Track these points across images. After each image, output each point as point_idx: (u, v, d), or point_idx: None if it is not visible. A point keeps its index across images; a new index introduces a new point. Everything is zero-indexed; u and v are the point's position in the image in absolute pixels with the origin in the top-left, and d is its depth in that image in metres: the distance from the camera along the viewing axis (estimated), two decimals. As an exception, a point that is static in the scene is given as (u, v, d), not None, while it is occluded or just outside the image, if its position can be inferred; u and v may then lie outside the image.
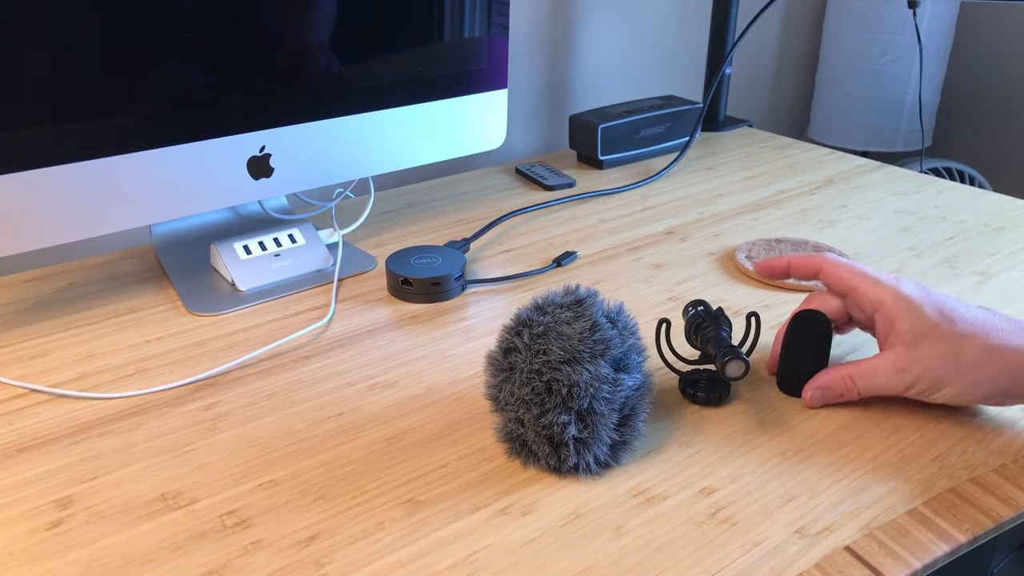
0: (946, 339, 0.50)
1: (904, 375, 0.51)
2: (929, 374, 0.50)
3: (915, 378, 0.51)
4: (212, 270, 0.77)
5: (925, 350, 0.50)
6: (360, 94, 0.77)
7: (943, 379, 0.50)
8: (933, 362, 0.50)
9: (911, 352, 0.51)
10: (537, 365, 0.49)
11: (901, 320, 0.51)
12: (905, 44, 1.33)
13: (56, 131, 0.62)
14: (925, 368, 0.50)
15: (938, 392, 0.52)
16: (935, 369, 0.50)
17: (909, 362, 0.51)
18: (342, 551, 0.45)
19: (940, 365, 0.50)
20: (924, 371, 0.50)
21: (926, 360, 0.50)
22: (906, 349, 0.51)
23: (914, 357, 0.50)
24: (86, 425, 0.56)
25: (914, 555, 0.45)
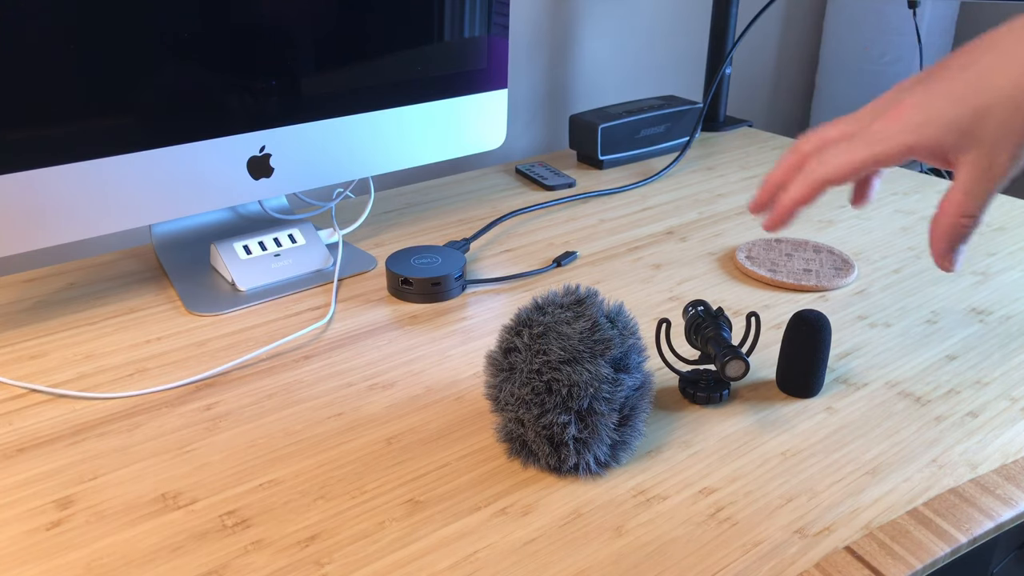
0: (992, 109, 0.44)
1: (995, 169, 0.45)
2: (1013, 147, 0.44)
3: (1008, 163, 0.44)
4: (212, 270, 0.77)
5: (988, 134, 0.44)
6: (360, 94, 0.77)
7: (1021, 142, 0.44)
8: (1006, 132, 0.44)
9: (980, 148, 0.44)
10: (537, 365, 0.49)
11: (943, 139, 0.45)
12: (905, 44, 1.33)
13: (56, 131, 0.62)
14: (1007, 147, 0.44)
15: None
16: (1013, 140, 0.44)
17: (989, 157, 0.44)
18: (342, 551, 0.45)
19: (1012, 133, 0.44)
20: (1010, 151, 0.44)
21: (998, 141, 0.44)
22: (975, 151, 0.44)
23: (987, 150, 0.44)
24: (86, 425, 0.56)
25: (914, 555, 0.45)
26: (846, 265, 0.77)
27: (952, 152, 0.45)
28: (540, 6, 1.14)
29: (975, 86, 0.44)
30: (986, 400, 0.59)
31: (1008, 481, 0.51)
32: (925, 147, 0.45)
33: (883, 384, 0.60)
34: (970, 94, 0.44)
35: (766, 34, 1.45)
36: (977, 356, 0.64)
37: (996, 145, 0.44)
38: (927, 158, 0.46)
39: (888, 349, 0.65)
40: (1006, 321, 0.69)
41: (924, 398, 0.59)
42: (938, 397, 0.59)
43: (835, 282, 0.74)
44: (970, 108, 0.44)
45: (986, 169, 0.44)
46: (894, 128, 0.46)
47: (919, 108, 0.45)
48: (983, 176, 0.45)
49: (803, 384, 0.58)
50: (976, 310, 0.71)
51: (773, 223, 0.50)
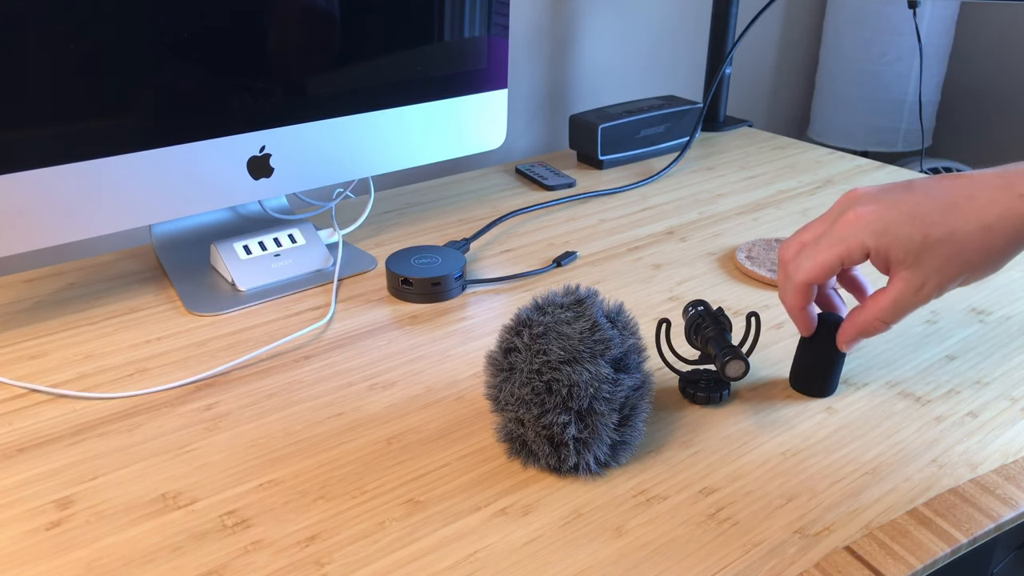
0: (941, 243, 0.49)
1: (923, 292, 0.50)
2: (946, 280, 0.50)
3: (935, 290, 0.50)
4: (212, 270, 0.77)
5: (930, 262, 0.49)
6: (360, 94, 0.77)
7: (960, 275, 0.50)
8: (944, 269, 0.49)
9: (919, 270, 0.50)
10: (537, 365, 0.49)
11: (893, 250, 0.50)
12: (905, 44, 1.33)
13: (56, 131, 0.62)
14: (939, 278, 0.50)
15: (962, 283, 0.51)
16: (948, 272, 0.49)
17: (922, 280, 0.50)
18: (342, 551, 0.45)
19: (952, 268, 0.49)
20: (940, 280, 0.50)
21: (936, 270, 0.49)
22: (912, 271, 0.50)
23: (924, 274, 0.50)
24: (86, 425, 0.56)
25: (914, 555, 0.45)
26: (846, 265, 0.77)
27: (895, 265, 0.50)
28: (540, 6, 1.14)
29: (932, 218, 0.49)
30: (986, 400, 0.59)
31: (1008, 481, 0.51)
32: (878, 252, 0.50)
33: (883, 384, 0.60)
34: (926, 223, 0.49)
35: (766, 34, 1.45)
36: (977, 356, 0.64)
37: (932, 274, 0.49)
38: (875, 262, 0.51)
39: (888, 349, 0.65)
40: (1006, 321, 0.69)
41: (924, 398, 0.59)
42: (938, 397, 0.59)
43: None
44: (921, 235, 0.49)
45: (917, 289, 0.50)
46: (854, 230, 0.51)
47: (880, 217, 0.50)
48: (912, 294, 0.50)
49: (819, 385, 0.58)
50: (976, 310, 0.71)
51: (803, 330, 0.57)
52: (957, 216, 0.48)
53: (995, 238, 0.48)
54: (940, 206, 0.49)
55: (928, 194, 0.50)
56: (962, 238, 0.48)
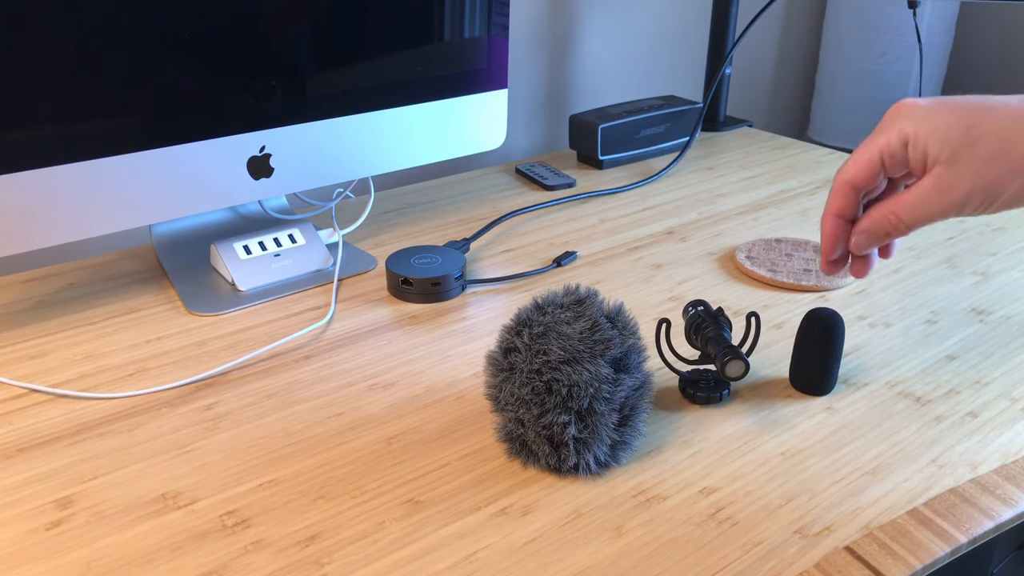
0: (985, 139, 0.44)
1: (950, 195, 0.45)
2: (982, 185, 0.44)
3: (965, 196, 0.45)
4: (212, 270, 0.77)
5: (966, 161, 0.44)
6: (360, 94, 0.77)
7: (998, 184, 0.44)
8: (981, 172, 0.44)
9: (952, 169, 0.45)
10: (537, 365, 0.49)
11: (931, 139, 0.45)
12: (905, 44, 1.33)
13: (56, 131, 0.62)
14: (973, 180, 0.44)
15: (998, 200, 0.45)
16: (987, 177, 0.44)
17: (952, 180, 0.45)
18: (342, 551, 0.45)
19: (990, 172, 0.44)
20: (974, 184, 0.44)
21: (970, 171, 0.44)
22: (946, 168, 0.45)
23: (957, 173, 0.45)
24: (86, 425, 0.56)
25: (914, 555, 0.45)
26: (846, 265, 0.77)
27: (931, 160, 0.46)
28: (540, 6, 1.14)
29: (979, 114, 0.45)
30: (986, 400, 0.59)
31: (1008, 481, 0.51)
32: (916, 141, 0.46)
33: (883, 384, 0.60)
34: (971, 117, 0.45)
35: (766, 34, 1.45)
36: (977, 356, 0.64)
37: (965, 175, 0.45)
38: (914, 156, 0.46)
39: (888, 349, 0.65)
40: (1006, 321, 0.69)
41: (924, 398, 0.59)
42: (938, 397, 0.59)
43: (835, 282, 0.74)
44: (965, 127, 0.44)
45: (944, 189, 0.45)
46: (895, 118, 0.47)
47: (922, 107, 0.46)
48: (938, 194, 0.46)
49: (817, 382, 0.58)
50: (976, 310, 0.71)
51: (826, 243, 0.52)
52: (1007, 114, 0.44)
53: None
54: (989, 105, 0.45)
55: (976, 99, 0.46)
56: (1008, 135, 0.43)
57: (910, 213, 0.47)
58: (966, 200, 0.45)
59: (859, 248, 0.50)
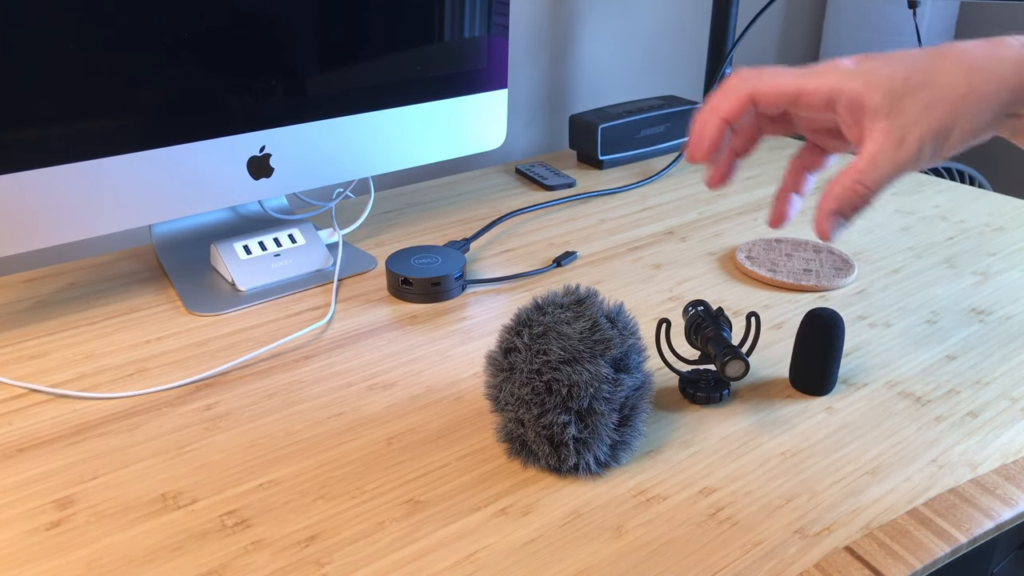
0: (923, 86, 0.43)
1: (906, 146, 0.44)
2: (929, 130, 0.43)
3: (918, 143, 0.44)
4: (212, 270, 0.77)
5: (910, 109, 0.43)
6: (360, 94, 0.77)
7: (944, 127, 0.43)
8: (926, 117, 0.43)
9: (898, 120, 0.44)
10: (537, 365, 0.49)
11: (868, 93, 0.44)
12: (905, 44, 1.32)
13: (56, 131, 0.62)
14: (922, 127, 0.43)
15: (946, 143, 0.44)
16: (931, 122, 0.43)
17: (902, 131, 0.44)
18: (342, 551, 0.45)
19: (934, 115, 0.43)
20: (923, 131, 0.43)
21: (917, 118, 0.43)
22: (892, 120, 0.44)
23: (904, 123, 0.43)
24: (86, 425, 0.56)
25: (914, 555, 0.45)
26: (846, 265, 0.77)
27: (871, 115, 0.44)
28: (540, 6, 1.14)
29: (916, 63, 0.44)
30: (986, 400, 0.59)
31: (1008, 481, 0.51)
32: (850, 96, 0.44)
33: (883, 384, 0.60)
34: (908, 66, 0.44)
35: (766, 34, 1.45)
36: (977, 356, 0.64)
37: (912, 122, 0.43)
38: (848, 112, 0.45)
39: (888, 349, 0.65)
40: (1006, 321, 0.69)
41: (924, 398, 0.59)
42: (938, 397, 0.59)
43: (835, 282, 0.74)
44: (903, 76, 0.43)
45: (898, 143, 0.44)
46: (829, 72, 0.45)
47: (857, 63, 0.45)
48: (893, 149, 0.44)
49: (817, 382, 0.58)
50: (976, 310, 0.71)
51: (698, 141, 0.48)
52: (943, 62, 0.43)
53: (983, 79, 0.43)
54: (925, 54, 0.44)
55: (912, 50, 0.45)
56: (947, 79, 0.43)
57: (874, 177, 0.45)
58: (920, 148, 0.44)
59: (831, 230, 0.47)
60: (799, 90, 0.45)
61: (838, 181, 0.46)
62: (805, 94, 0.45)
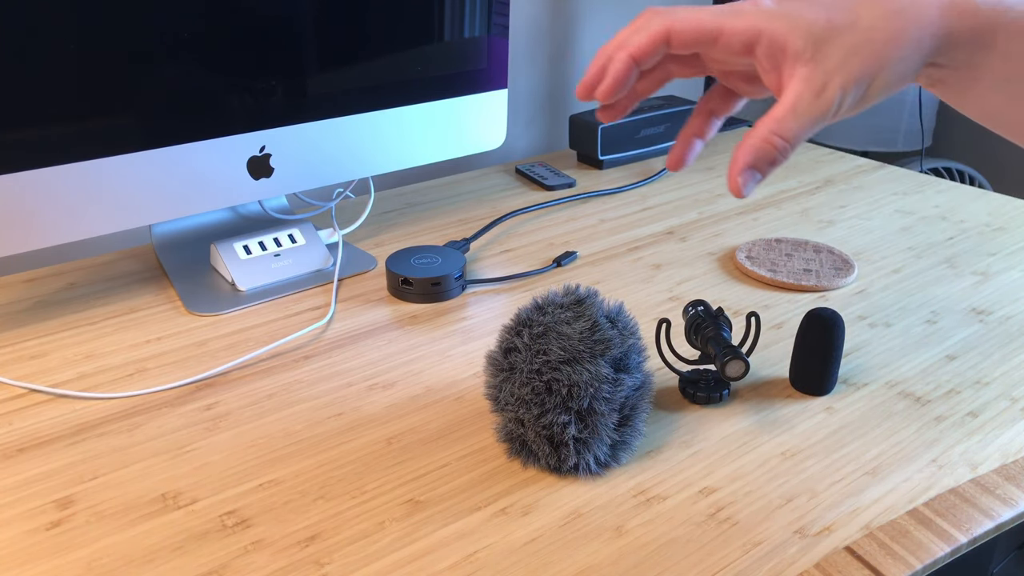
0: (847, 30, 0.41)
1: (826, 95, 0.41)
2: (851, 78, 0.41)
3: (839, 91, 0.41)
4: (212, 270, 0.77)
5: (833, 54, 0.41)
6: (360, 94, 0.77)
7: (867, 74, 0.41)
8: (848, 63, 0.41)
9: (819, 66, 0.41)
10: (537, 365, 0.49)
11: (790, 37, 0.41)
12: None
13: (56, 131, 0.62)
14: (844, 74, 0.41)
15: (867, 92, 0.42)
16: (854, 69, 0.41)
17: (824, 77, 0.41)
18: (342, 551, 0.45)
19: (858, 62, 0.41)
20: (845, 78, 0.41)
21: (839, 65, 0.41)
22: (814, 66, 0.41)
23: (827, 69, 0.41)
24: (86, 425, 0.56)
25: (914, 555, 0.45)
26: (846, 265, 0.77)
27: (791, 60, 0.41)
28: (540, 6, 1.14)
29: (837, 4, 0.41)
30: (986, 400, 0.59)
31: (1008, 481, 0.51)
32: (771, 38, 0.41)
33: (883, 384, 0.60)
34: (831, 7, 0.41)
35: (766, 34, 1.45)
36: (977, 356, 0.64)
37: (835, 70, 0.41)
38: (766, 58, 0.42)
39: (888, 349, 0.65)
40: (1006, 321, 0.69)
41: (924, 398, 0.59)
42: (938, 397, 0.59)
43: (835, 282, 0.74)
44: (825, 18, 0.41)
45: (818, 91, 0.41)
46: (750, 13, 0.42)
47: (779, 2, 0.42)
48: (813, 97, 0.41)
49: (817, 382, 0.58)
50: (976, 310, 0.71)
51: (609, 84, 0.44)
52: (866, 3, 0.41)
53: (906, 23, 0.41)
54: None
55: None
56: (870, 23, 0.41)
57: (792, 129, 0.42)
58: (842, 97, 0.42)
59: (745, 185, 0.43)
60: (718, 30, 0.42)
61: (754, 133, 0.43)
62: (724, 35, 0.42)
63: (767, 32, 0.41)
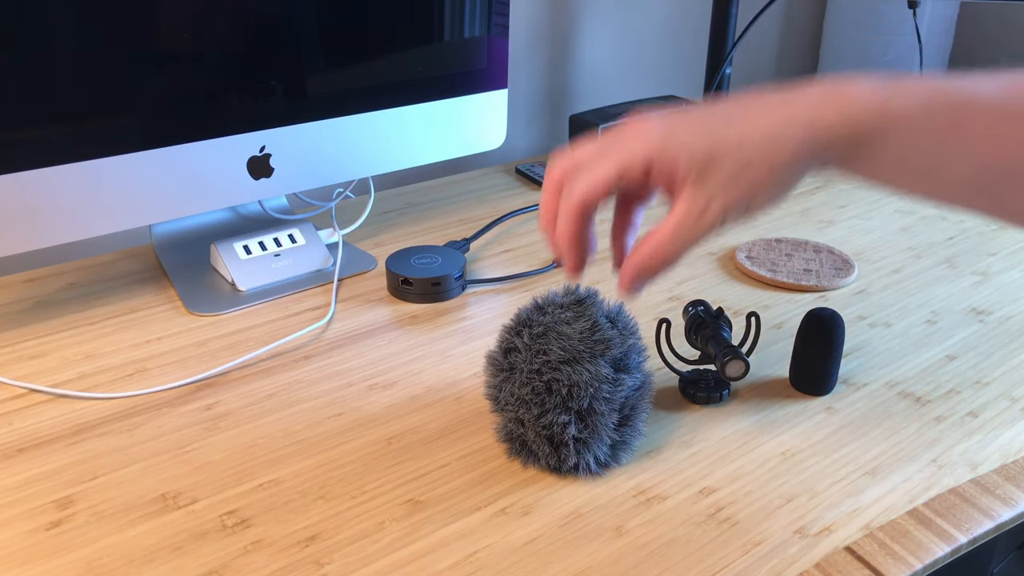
0: (725, 158, 0.44)
1: (708, 216, 0.45)
2: (731, 201, 0.45)
3: (722, 212, 0.45)
4: (212, 270, 0.77)
5: (715, 178, 0.44)
6: (360, 94, 0.77)
7: (746, 197, 0.45)
8: (728, 188, 0.44)
9: (702, 189, 0.45)
10: (537, 365, 0.49)
11: (678, 163, 0.45)
12: (905, 44, 1.32)
13: (56, 131, 0.62)
14: (724, 197, 0.44)
15: (748, 210, 0.46)
16: (734, 193, 0.44)
17: (706, 200, 0.45)
18: (342, 551, 0.45)
19: (736, 187, 0.44)
20: (725, 201, 0.45)
21: (720, 188, 0.44)
22: (697, 188, 0.45)
23: (708, 192, 0.44)
24: (86, 425, 0.56)
25: (914, 555, 0.45)
26: (846, 265, 0.77)
27: (679, 183, 0.45)
28: (540, 6, 1.14)
29: (718, 130, 0.45)
30: (986, 400, 0.59)
31: (1008, 481, 0.51)
32: (662, 165, 0.45)
33: (883, 384, 0.60)
34: (713, 134, 0.44)
35: (766, 34, 1.45)
36: (977, 356, 0.64)
37: (717, 192, 0.44)
38: (659, 179, 0.46)
39: (888, 349, 0.65)
40: (1006, 321, 0.69)
41: (924, 398, 0.59)
42: (938, 397, 0.59)
43: (835, 282, 0.74)
44: (707, 145, 0.44)
45: (701, 212, 0.45)
46: (635, 142, 0.46)
47: (664, 128, 0.46)
48: (696, 218, 0.45)
49: (817, 382, 0.58)
50: (976, 310, 0.71)
51: (569, 271, 0.49)
52: (743, 126, 0.44)
53: (780, 149, 0.43)
54: (726, 119, 0.45)
55: (714, 111, 0.46)
56: (748, 149, 0.44)
57: (674, 245, 0.47)
58: (723, 215, 0.45)
59: (633, 290, 0.49)
60: (619, 174, 0.47)
61: (642, 248, 0.48)
62: (624, 169, 0.47)
63: (657, 160, 0.45)
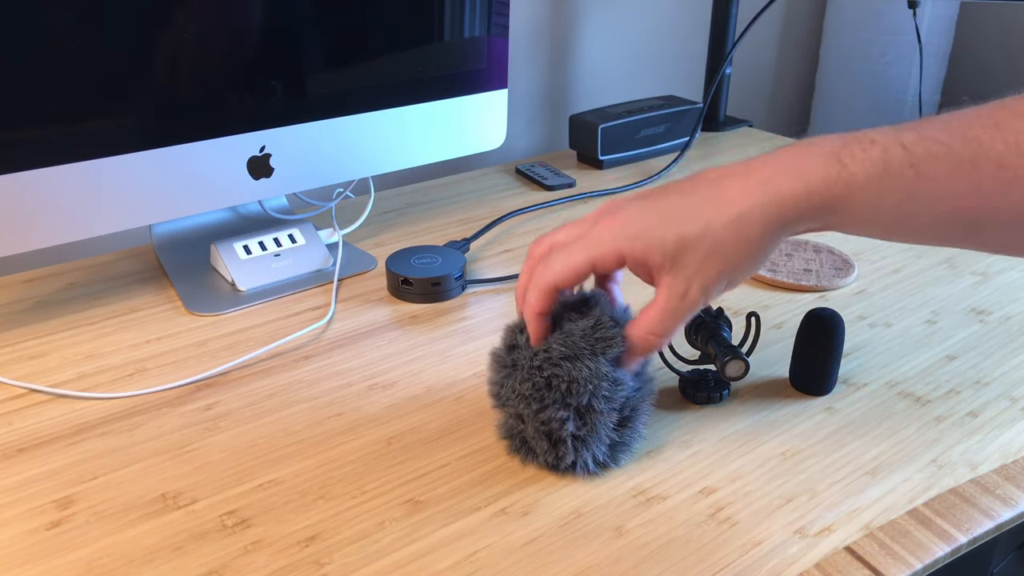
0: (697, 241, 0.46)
1: (690, 297, 0.47)
2: (709, 280, 0.47)
3: (701, 292, 0.47)
4: (212, 270, 0.77)
5: (689, 263, 0.47)
6: (360, 94, 0.77)
7: (724, 273, 0.47)
8: (704, 269, 0.47)
9: (679, 275, 0.47)
10: (538, 361, 0.49)
11: (649, 255, 0.47)
12: (905, 44, 1.32)
13: (57, 131, 0.62)
14: (702, 278, 0.47)
15: (728, 285, 0.48)
16: (710, 273, 0.47)
17: (685, 283, 0.47)
18: (342, 551, 0.45)
19: (712, 266, 0.47)
20: (704, 281, 0.47)
21: (696, 271, 0.47)
22: (673, 275, 0.47)
23: (686, 276, 0.47)
24: (86, 425, 0.56)
25: (914, 555, 0.45)
26: (846, 265, 0.77)
27: (656, 272, 0.47)
28: (540, 6, 1.14)
29: (686, 216, 0.47)
30: (986, 400, 0.59)
31: (1008, 481, 0.51)
32: (634, 258, 0.47)
33: (883, 384, 0.60)
34: (681, 223, 0.46)
35: (766, 34, 1.45)
36: (977, 356, 0.64)
37: (694, 276, 0.47)
38: (636, 269, 0.48)
39: (888, 349, 0.65)
40: (1006, 321, 0.69)
41: (924, 398, 0.59)
42: (938, 397, 0.59)
43: (835, 282, 0.74)
44: (676, 234, 0.46)
45: (682, 295, 0.47)
46: (609, 235, 0.48)
47: (635, 221, 0.48)
48: (678, 301, 0.47)
49: (817, 382, 0.58)
50: (976, 310, 0.71)
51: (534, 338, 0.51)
52: (709, 210, 0.46)
53: (750, 227, 0.46)
54: (693, 204, 0.47)
55: (682, 193, 0.48)
56: (717, 233, 0.46)
57: (663, 327, 0.49)
58: (705, 294, 0.47)
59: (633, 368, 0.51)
60: (591, 264, 0.48)
61: (635, 331, 0.50)
62: (597, 265, 0.49)
63: (630, 253, 0.47)
